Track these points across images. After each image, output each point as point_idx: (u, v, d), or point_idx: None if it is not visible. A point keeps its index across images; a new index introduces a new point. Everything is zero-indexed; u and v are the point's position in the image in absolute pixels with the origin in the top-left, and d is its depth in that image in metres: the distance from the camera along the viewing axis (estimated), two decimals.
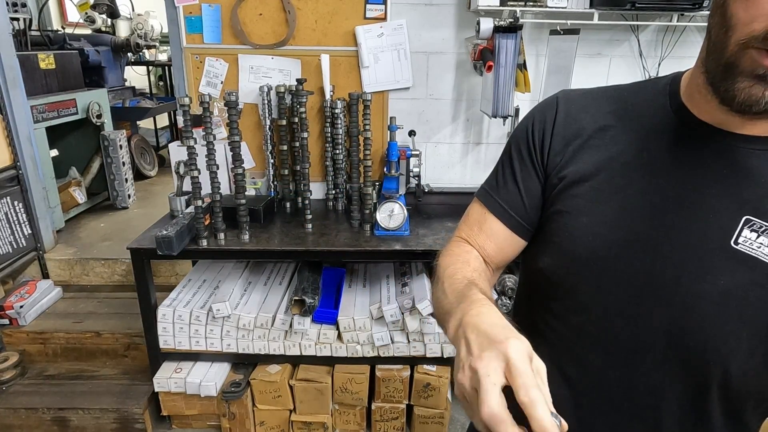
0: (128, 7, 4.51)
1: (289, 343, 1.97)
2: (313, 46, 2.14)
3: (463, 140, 2.34)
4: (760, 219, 0.57)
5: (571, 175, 0.69)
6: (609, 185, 0.66)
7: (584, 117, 0.71)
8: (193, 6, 2.08)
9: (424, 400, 2.02)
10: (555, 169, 0.71)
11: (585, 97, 0.73)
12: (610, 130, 0.68)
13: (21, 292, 2.38)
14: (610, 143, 0.67)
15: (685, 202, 0.61)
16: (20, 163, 2.50)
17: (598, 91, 0.74)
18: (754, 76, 0.52)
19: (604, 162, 0.67)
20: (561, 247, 0.69)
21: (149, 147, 4.39)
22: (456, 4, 2.13)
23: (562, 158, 0.70)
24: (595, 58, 2.19)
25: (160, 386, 1.97)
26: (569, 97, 0.74)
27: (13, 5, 2.85)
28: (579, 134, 0.70)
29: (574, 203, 0.68)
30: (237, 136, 1.83)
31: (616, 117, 0.69)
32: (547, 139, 0.72)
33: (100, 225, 3.17)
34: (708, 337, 0.59)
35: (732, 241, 0.58)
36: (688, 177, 0.62)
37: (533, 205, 0.74)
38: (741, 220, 0.58)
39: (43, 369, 2.23)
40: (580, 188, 0.68)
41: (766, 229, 0.57)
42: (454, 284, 0.67)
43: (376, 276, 2.20)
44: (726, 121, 0.60)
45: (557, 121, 0.72)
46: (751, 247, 0.57)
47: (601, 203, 0.66)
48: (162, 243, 1.75)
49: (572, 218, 0.68)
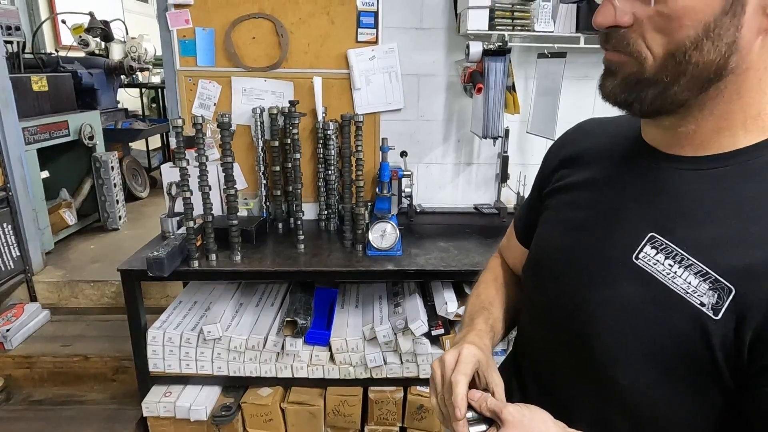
0: (122, 30, 4.56)
1: (280, 365, 1.95)
2: (305, 69, 2.17)
3: (454, 161, 2.37)
4: (663, 237, 0.58)
5: (552, 191, 0.79)
6: (569, 201, 0.73)
7: (580, 141, 0.79)
8: (187, 29, 2.11)
9: (417, 422, 2.00)
10: (545, 187, 0.82)
11: (595, 123, 0.81)
12: (588, 152, 0.75)
13: (8, 316, 2.34)
14: (586, 163, 0.74)
15: (608, 218, 0.65)
16: (10, 184, 2.49)
17: (614, 117, 0.78)
18: (605, 71, 0.61)
19: (575, 180, 0.74)
20: (529, 254, 0.81)
21: (141, 168, 4.38)
22: (446, 28, 2.18)
23: (552, 177, 0.80)
24: (582, 80, 2.23)
25: (149, 411, 1.93)
26: (583, 123, 0.83)
27: (7, 28, 2.88)
28: (568, 156, 0.79)
29: (546, 215, 0.79)
30: (230, 157, 1.84)
31: (602, 140, 0.75)
32: (548, 162, 0.84)
33: (90, 247, 3.14)
34: (605, 348, 0.61)
35: (633, 256, 0.60)
36: (614, 192, 0.66)
37: (535, 219, 0.84)
38: (645, 237, 0.60)
39: (29, 394, 2.18)
40: (553, 202, 0.78)
41: (666, 247, 0.58)
42: (474, 305, 0.86)
43: (368, 296, 2.19)
44: (652, 135, 0.64)
45: (558, 144, 0.84)
46: (648, 263, 0.58)
47: (558, 216, 0.75)
48: (153, 264, 1.74)
49: (540, 227, 0.79)
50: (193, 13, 2.09)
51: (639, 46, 0.56)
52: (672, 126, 0.60)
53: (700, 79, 0.54)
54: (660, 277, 0.57)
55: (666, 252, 0.57)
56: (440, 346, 1.94)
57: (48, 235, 2.90)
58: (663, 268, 0.57)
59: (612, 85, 0.59)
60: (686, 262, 0.55)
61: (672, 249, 0.57)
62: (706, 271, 0.54)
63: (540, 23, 1.95)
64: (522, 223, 0.90)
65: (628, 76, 0.57)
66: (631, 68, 0.57)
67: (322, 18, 2.12)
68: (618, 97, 0.59)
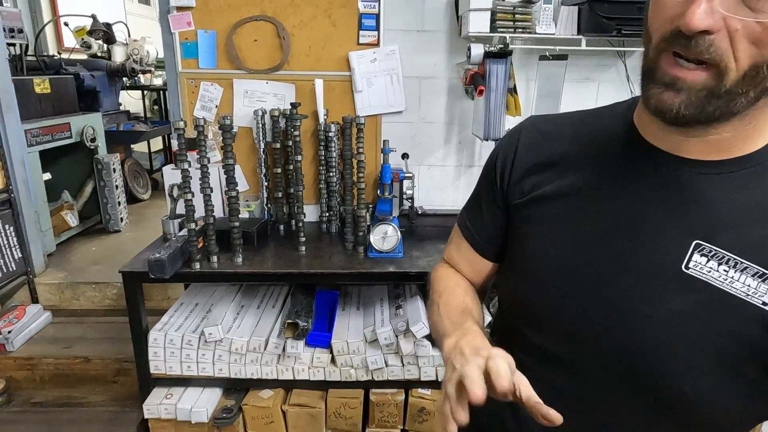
0: (124, 33, 4.58)
1: (282, 367, 1.95)
2: (307, 71, 2.18)
3: (455, 163, 2.37)
4: (710, 244, 0.58)
5: (529, 200, 0.72)
6: (565, 210, 0.68)
7: (546, 144, 0.73)
8: (189, 32, 2.12)
9: (419, 424, 1.99)
10: (515, 197, 0.75)
11: (548, 124, 0.76)
12: (569, 157, 0.70)
13: (9, 317, 2.34)
14: (569, 169, 0.70)
15: (635, 227, 0.62)
16: (12, 186, 2.50)
17: (563, 117, 0.76)
18: (664, 83, 0.54)
19: (562, 187, 0.69)
20: (521, 271, 0.74)
21: (143, 170, 4.39)
22: (447, 31, 2.18)
23: (521, 185, 0.74)
24: (583, 82, 2.24)
25: (150, 413, 1.92)
26: (534, 124, 0.77)
27: (10, 31, 2.88)
28: (539, 161, 0.73)
29: (532, 228, 0.72)
30: (231, 159, 1.84)
31: (577, 143, 0.71)
32: (508, 169, 0.76)
33: (91, 249, 3.15)
34: (662, 360, 0.60)
35: (683, 266, 0.59)
36: (637, 201, 0.63)
37: (497, 231, 0.80)
38: (691, 245, 0.59)
39: (30, 396, 2.18)
40: (539, 213, 0.71)
41: (716, 253, 0.57)
42: (450, 312, 0.76)
43: (369, 299, 2.18)
44: (669, 141, 0.61)
45: (518, 151, 0.75)
46: (702, 271, 0.58)
47: (556, 228, 0.69)
48: (154, 266, 1.74)
49: (531, 242, 0.72)
50: (195, 15, 2.09)
51: (727, 56, 0.50)
52: (704, 133, 0.57)
53: (765, 91, 0.52)
54: (717, 283, 0.57)
55: (718, 258, 0.57)
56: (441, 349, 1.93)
57: (50, 236, 2.91)
58: (719, 275, 0.57)
59: (678, 99, 0.53)
60: (741, 265, 0.56)
61: (723, 255, 0.57)
62: (763, 272, 0.55)
63: (541, 25, 1.95)
64: (482, 235, 0.82)
65: (701, 90, 0.52)
66: (707, 81, 0.52)
67: (324, 20, 2.12)
68: (686, 112, 0.53)
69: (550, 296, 0.69)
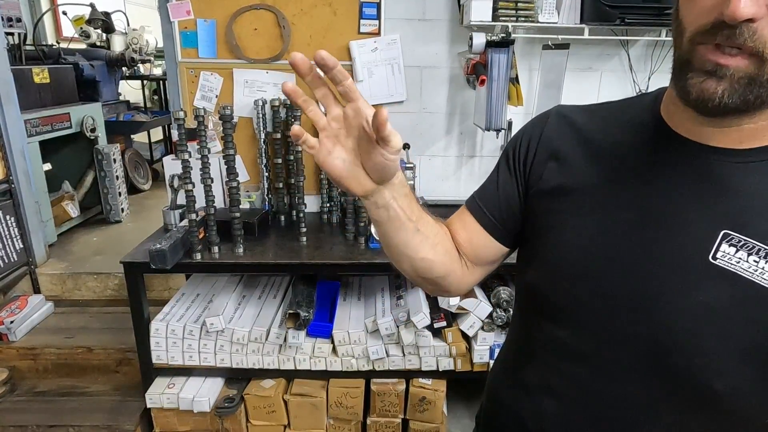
0: (123, 22, 4.54)
1: (283, 357, 1.96)
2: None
3: (457, 153, 2.36)
4: (739, 233, 0.56)
5: (553, 188, 0.71)
6: (591, 200, 0.67)
7: (571, 132, 0.72)
8: (189, 21, 2.10)
9: (419, 414, 2.01)
10: (536, 181, 0.73)
11: (576, 113, 0.74)
12: (596, 147, 0.69)
13: (12, 308, 2.35)
14: (594, 158, 0.68)
15: (663, 218, 0.61)
16: (13, 177, 2.49)
17: (590, 107, 0.75)
18: (705, 72, 0.53)
19: (587, 177, 0.68)
20: (544, 261, 0.71)
21: (143, 161, 4.38)
22: (449, 20, 2.16)
23: (544, 170, 0.72)
24: (586, 72, 2.22)
25: (153, 402, 1.94)
26: (561, 112, 0.76)
27: (8, 20, 2.86)
28: (564, 148, 0.71)
29: (556, 218, 0.70)
30: (232, 150, 1.83)
31: (604, 133, 0.70)
32: (532, 151, 0.74)
33: (92, 239, 3.15)
34: (691, 354, 0.58)
35: (710, 256, 0.57)
36: (666, 192, 0.62)
37: (510, 210, 0.77)
38: (719, 235, 0.57)
39: (33, 385, 2.19)
40: (563, 203, 0.69)
41: (745, 243, 0.56)
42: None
43: (370, 289, 2.19)
44: (700, 132, 0.60)
45: (544, 135, 0.74)
46: (730, 262, 0.56)
47: (582, 218, 0.67)
48: (155, 257, 1.74)
49: (554, 233, 0.70)
50: (195, 4, 2.07)
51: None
52: (738, 122, 0.57)
53: None
54: (747, 275, 0.55)
55: (747, 248, 0.56)
56: (442, 339, 1.94)
57: (51, 227, 2.91)
58: (748, 266, 0.55)
59: (721, 87, 0.53)
60: None
61: (753, 244, 0.55)
62: None
63: (544, 14, 1.94)
64: (494, 213, 0.78)
65: (743, 77, 0.52)
66: (749, 68, 0.51)
67: (324, 9, 2.10)
68: (729, 101, 0.53)
69: (576, 289, 0.66)
